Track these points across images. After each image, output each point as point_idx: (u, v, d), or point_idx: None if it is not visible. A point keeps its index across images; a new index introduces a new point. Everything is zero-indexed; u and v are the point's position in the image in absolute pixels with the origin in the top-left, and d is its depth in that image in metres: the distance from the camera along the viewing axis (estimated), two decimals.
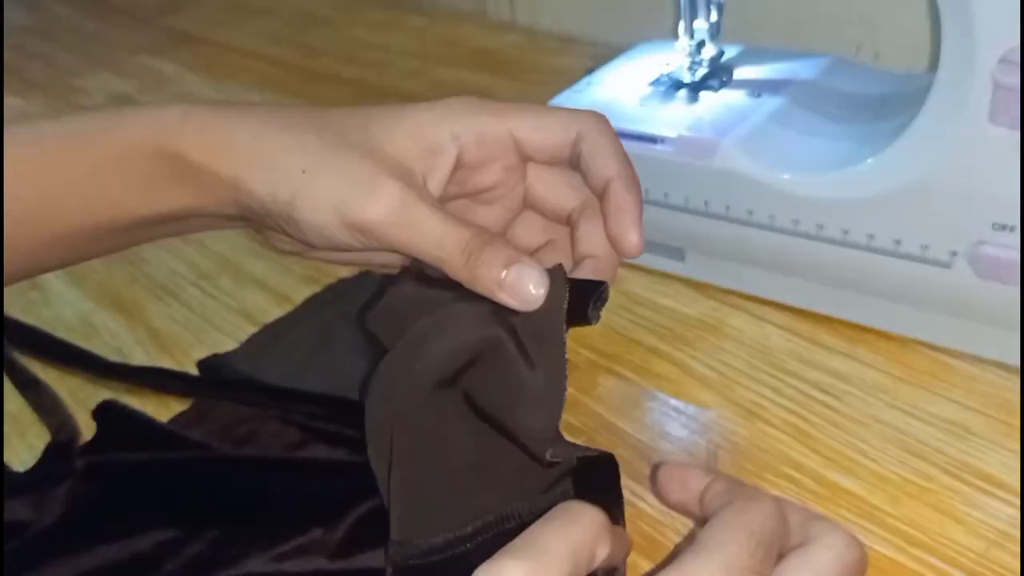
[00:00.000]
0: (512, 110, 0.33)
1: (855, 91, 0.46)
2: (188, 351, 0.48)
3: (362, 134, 0.32)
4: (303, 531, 0.34)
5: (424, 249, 0.30)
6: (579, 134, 0.32)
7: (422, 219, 0.30)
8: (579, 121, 0.33)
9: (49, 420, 0.43)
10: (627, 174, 0.32)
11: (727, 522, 0.25)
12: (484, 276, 0.29)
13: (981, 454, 0.36)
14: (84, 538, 0.34)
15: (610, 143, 0.33)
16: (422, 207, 0.30)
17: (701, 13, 0.47)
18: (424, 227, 0.30)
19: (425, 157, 0.32)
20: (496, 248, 0.30)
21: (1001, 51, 0.33)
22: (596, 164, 0.32)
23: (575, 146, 0.33)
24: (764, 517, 0.26)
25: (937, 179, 0.37)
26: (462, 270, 0.30)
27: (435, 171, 0.32)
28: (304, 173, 0.31)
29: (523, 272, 0.29)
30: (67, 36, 1.04)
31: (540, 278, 0.29)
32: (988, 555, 0.32)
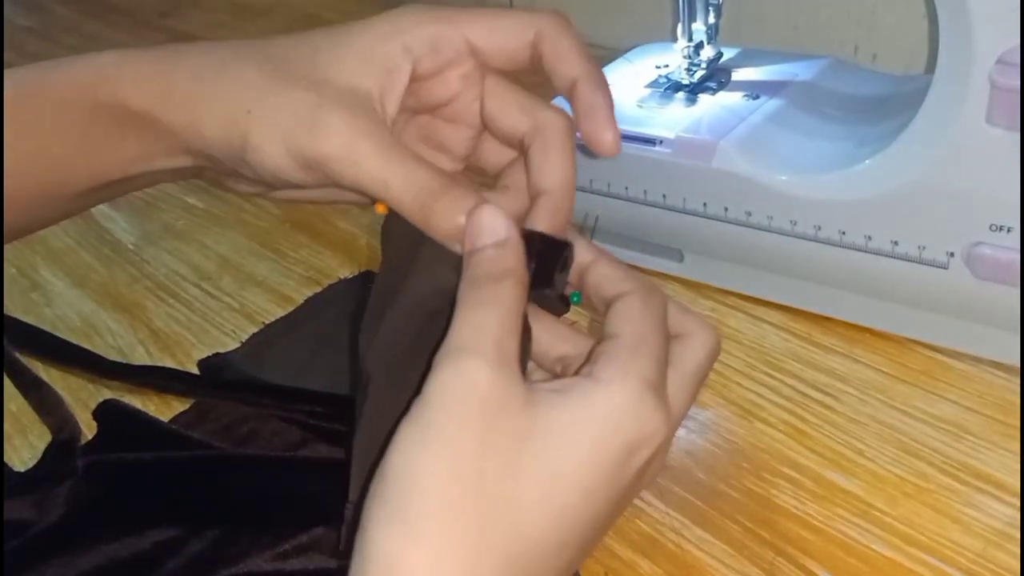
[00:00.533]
0: (465, 15, 0.31)
1: (853, 92, 0.46)
2: (189, 351, 0.48)
3: (309, 63, 0.30)
4: (304, 530, 0.34)
5: (372, 189, 0.29)
6: (537, 35, 0.31)
7: (364, 157, 0.28)
8: (536, 21, 0.31)
9: (50, 420, 0.43)
10: (592, 72, 0.31)
11: (645, 318, 0.28)
12: (438, 221, 0.28)
13: (978, 454, 0.36)
14: (85, 538, 0.35)
15: (571, 42, 0.31)
16: (365, 144, 0.28)
17: (699, 15, 0.47)
18: (367, 166, 0.28)
19: (379, 76, 0.30)
20: (454, 192, 0.28)
21: (998, 52, 0.33)
22: (559, 65, 0.31)
23: (534, 48, 0.31)
24: (664, 310, 0.29)
25: (934, 180, 0.37)
26: (416, 216, 0.28)
27: (390, 89, 0.30)
28: (249, 113, 0.29)
29: (481, 218, 0.28)
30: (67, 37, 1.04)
31: (499, 227, 0.28)
32: (986, 555, 0.32)
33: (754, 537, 0.34)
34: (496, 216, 0.28)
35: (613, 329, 0.27)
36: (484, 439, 0.23)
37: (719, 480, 0.36)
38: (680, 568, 0.33)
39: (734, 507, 0.35)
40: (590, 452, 0.24)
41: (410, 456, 0.23)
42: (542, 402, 0.25)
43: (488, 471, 0.23)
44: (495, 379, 0.24)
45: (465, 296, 0.26)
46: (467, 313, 0.25)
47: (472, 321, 0.25)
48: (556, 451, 0.24)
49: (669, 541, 0.34)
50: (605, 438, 0.25)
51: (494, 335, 0.25)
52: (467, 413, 0.23)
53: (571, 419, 0.24)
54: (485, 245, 0.27)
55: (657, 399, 0.26)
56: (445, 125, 0.33)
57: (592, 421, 0.25)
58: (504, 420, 0.24)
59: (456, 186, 0.28)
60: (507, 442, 0.23)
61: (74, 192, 0.34)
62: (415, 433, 0.23)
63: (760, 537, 0.34)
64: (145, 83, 0.31)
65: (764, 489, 0.36)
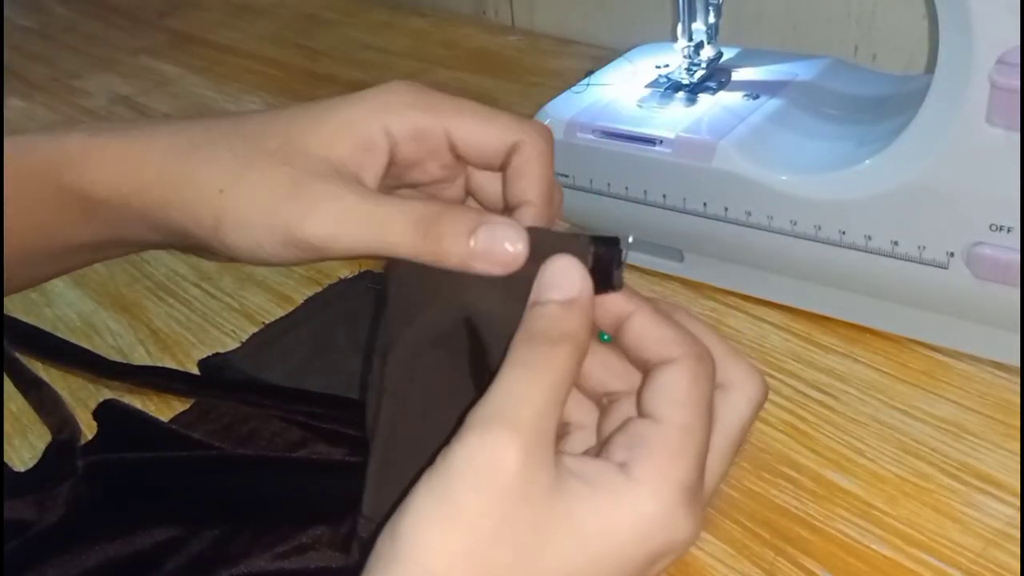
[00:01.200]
0: (452, 107, 0.30)
1: (853, 92, 0.46)
2: (189, 351, 0.48)
3: (282, 138, 0.29)
4: (304, 529, 0.34)
5: (372, 242, 0.27)
6: (515, 146, 0.30)
7: (356, 211, 0.27)
8: (520, 132, 0.30)
9: (50, 420, 0.43)
10: (541, 208, 0.29)
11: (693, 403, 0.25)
12: (451, 250, 0.26)
13: (978, 454, 0.36)
14: (85, 538, 0.35)
15: (540, 169, 0.30)
16: (352, 199, 0.27)
17: (699, 15, 0.47)
18: (362, 220, 0.27)
19: (355, 153, 0.29)
20: (455, 215, 0.26)
21: (998, 52, 0.33)
22: (518, 183, 0.30)
23: (508, 156, 0.30)
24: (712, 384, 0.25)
25: (934, 180, 0.37)
26: (423, 249, 0.26)
27: (368, 168, 0.29)
28: (222, 192, 0.28)
29: (494, 233, 0.26)
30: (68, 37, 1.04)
31: (514, 233, 0.26)
32: (986, 554, 0.32)
33: (754, 537, 0.34)
34: (570, 268, 0.25)
35: (655, 409, 0.25)
36: (502, 527, 0.22)
37: None
38: (680, 568, 0.33)
39: (734, 507, 0.35)
40: (611, 557, 0.23)
41: (423, 529, 0.22)
42: (568, 493, 0.23)
43: (502, 561, 0.22)
44: (525, 462, 0.22)
45: (514, 354, 0.24)
46: (511, 375, 0.24)
47: (514, 387, 0.23)
48: (575, 550, 0.23)
49: None
50: (629, 546, 0.23)
51: (535, 408, 0.23)
52: (490, 497, 0.22)
53: (596, 520, 0.23)
54: (550, 300, 0.25)
55: (691, 509, 0.24)
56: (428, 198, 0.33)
57: (618, 527, 0.23)
58: (526, 509, 0.22)
59: (456, 206, 0.27)
60: (526, 534, 0.22)
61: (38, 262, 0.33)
62: (432, 505, 0.22)
63: (760, 537, 0.34)
64: (111, 168, 0.30)
65: (764, 489, 0.36)
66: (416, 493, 0.23)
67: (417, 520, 0.22)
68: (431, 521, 0.22)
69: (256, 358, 0.46)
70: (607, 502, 0.23)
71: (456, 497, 0.22)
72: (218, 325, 0.50)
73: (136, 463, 0.39)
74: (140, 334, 0.50)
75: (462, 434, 0.23)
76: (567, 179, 0.47)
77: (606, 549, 0.23)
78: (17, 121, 0.80)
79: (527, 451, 0.22)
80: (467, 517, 0.22)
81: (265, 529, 0.34)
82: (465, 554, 0.22)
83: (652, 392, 0.25)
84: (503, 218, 0.26)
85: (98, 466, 0.38)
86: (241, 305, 0.51)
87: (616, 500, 0.23)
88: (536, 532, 0.22)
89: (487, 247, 0.26)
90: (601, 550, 0.23)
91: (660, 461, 0.24)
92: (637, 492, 0.23)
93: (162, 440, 0.40)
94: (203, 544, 0.34)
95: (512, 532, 0.22)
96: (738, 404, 0.27)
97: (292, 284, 0.52)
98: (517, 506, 0.22)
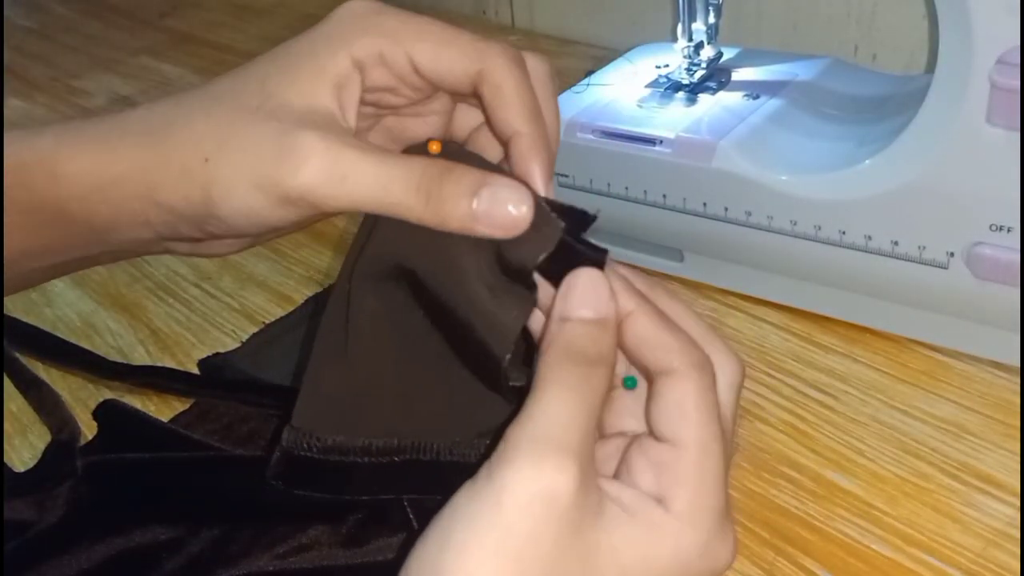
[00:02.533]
0: (411, 29, 0.28)
1: (853, 92, 0.46)
2: (189, 351, 0.48)
3: (260, 94, 0.27)
4: (304, 529, 0.34)
5: (371, 200, 0.26)
6: (480, 74, 0.28)
7: (355, 167, 0.26)
8: (483, 58, 0.28)
9: (50, 420, 0.43)
10: (533, 130, 0.28)
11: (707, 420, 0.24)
12: (453, 213, 0.25)
13: (978, 454, 0.36)
14: (85, 538, 0.35)
15: (515, 91, 0.28)
16: (350, 153, 0.26)
17: (699, 15, 0.47)
18: (361, 176, 0.26)
19: (335, 93, 0.27)
20: (456, 176, 0.25)
21: (998, 52, 0.33)
22: (497, 114, 0.28)
23: (476, 86, 0.28)
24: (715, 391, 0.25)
25: (934, 180, 0.37)
26: (425, 212, 0.25)
27: (348, 104, 0.28)
28: (207, 162, 0.27)
29: (496, 194, 0.25)
30: (68, 37, 1.04)
31: (518, 195, 0.25)
32: (986, 554, 0.32)
33: (754, 537, 0.34)
34: (598, 285, 0.25)
35: (673, 432, 0.24)
36: (554, 554, 0.22)
37: None
38: None
39: (734, 507, 0.34)
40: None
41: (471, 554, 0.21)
42: (610, 521, 0.23)
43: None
44: (579, 490, 0.22)
45: (554, 374, 0.23)
46: (557, 397, 0.23)
47: (562, 410, 0.23)
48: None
49: None
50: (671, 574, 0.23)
51: (584, 431, 0.22)
52: (545, 524, 0.21)
53: (638, 552, 0.23)
54: (583, 318, 0.24)
55: (725, 533, 0.24)
56: (413, 120, 0.31)
57: (660, 558, 0.23)
58: (576, 539, 0.22)
59: (459, 166, 0.26)
60: (574, 561, 0.22)
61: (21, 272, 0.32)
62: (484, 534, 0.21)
63: (760, 537, 0.34)
64: (86, 159, 0.28)
65: (764, 489, 0.36)
66: (456, 519, 0.22)
67: (464, 550, 0.21)
68: (480, 551, 0.21)
69: (256, 358, 0.46)
70: (648, 534, 0.23)
71: (508, 524, 0.21)
72: (218, 325, 0.50)
73: (136, 463, 0.39)
74: (140, 334, 0.50)
75: (509, 455, 0.22)
76: (567, 179, 0.47)
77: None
78: (17, 121, 0.80)
79: (580, 480, 0.22)
80: (519, 545, 0.21)
81: (264, 529, 0.34)
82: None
83: (663, 411, 0.25)
84: (508, 179, 0.26)
85: (98, 466, 0.38)
86: (241, 305, 0.51)
87: (657, 533, 0.23)
88: (582, 560, 0.22)
89: (488, 209, 0.25)
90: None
91: (692, 490, 0.24)
92: (676, 526, 0.23)
93: (162, 440, 0.40)
94: (203, 544, 0.34)
95: (562, 560, 0.22)
96: (723, 394, 0.26)
97: (292, 284, 0.52)
98: (569, 533, 0.22)
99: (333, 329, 0.28)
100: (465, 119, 0.32)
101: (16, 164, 0.29)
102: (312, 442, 0.27)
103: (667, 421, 0.24)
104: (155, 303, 0.53)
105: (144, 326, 0.51)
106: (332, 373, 0.28)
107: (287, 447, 0.27)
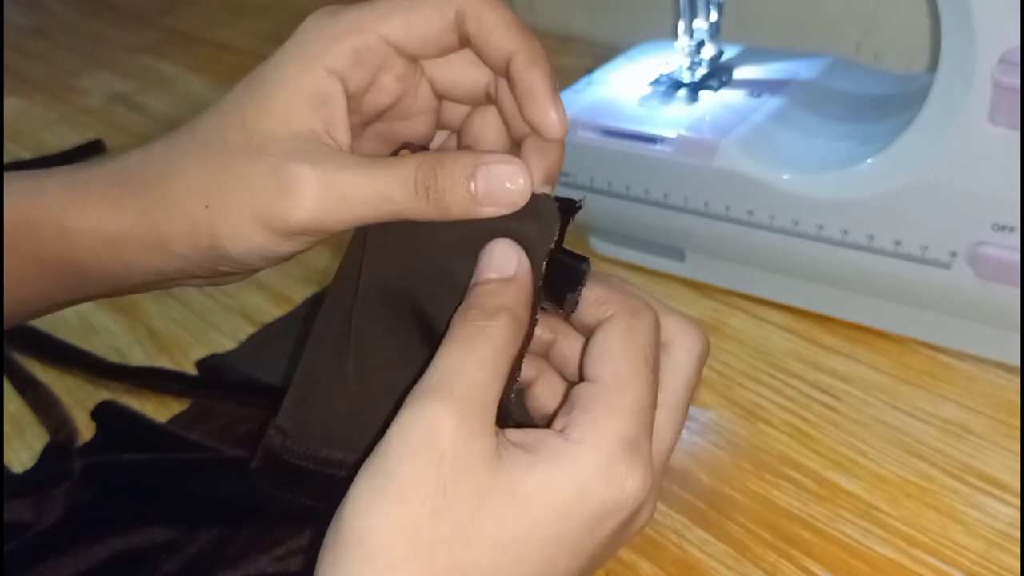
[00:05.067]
0: (375, 12, 0.28)
1: (855, 91, 0.46)
2: (187, 351, 0.48)
3: (242, 132, 0.27)
4: (303, 532, 0.34)
5: (375, 212, 0.26)
6: (458, 15, 0.28)
7: (352, 185, 0.26)
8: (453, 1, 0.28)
9: (48, 421, 0.43)
10: (527, 45, 0.28)
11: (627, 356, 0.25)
12: (454, 201, 0.25)
13: (981, 455, 0.36)
14: (83, 539, 0.34)
15: (497, 16, 0.28)
16: (345, 174, 0.26)
17: (701, 13, 0.47)
18: (360, 192, 0.26)
19: (315, 112, 0.27)
20: (449, 165, 0.26)
21: (1001, 51, 0.33)
22: (488, 43, 0.28)
23: (460, 29, 0.28)
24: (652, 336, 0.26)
25: (937, 179, 0.37)
26: (428, 207, 0.26)
27: (333, 119, 0.28)
28: (208, 208, 0.27)
29: (491, 171, 0.25)
30: (67, 36, 1.04)
31: (512, 169, 0.25)
32: (988, 555, 0.32)
33: (756, 538, 0.34)
34: (508, 250, 0.26)
35: (590, 369, 0.25)
36: (440, 497, 0.22)
37: (721, 481, 0.36)
38: (682, 569, 0.33)
39: (736, 508, 0.35)
40: (553, 521, 0.23)
41: (364, 510, 0.22)
42: (507, 461, 0.23)
43: (442, 535, 0.22)
44: (459, 430, 0.22)
45: (452, 331, 0.24)
46: (448, 350, 0.24)
47: (449, 361, 0.23)
48: (516, 518, 0.22)
49: (670, 542, 0.34)
50: (570, 507, 0.23)
51: (470, 378, 0.23)
52: (425, 468, 0.22)
53: (536, 484, 0.23)
54: (489, 279, 0.25)
55: (631, 461, 0.23)
56: (401, 123, 0.31)
57: (557, 488, 0.23)
58: (463, 480, 0.22)
59: (449, 153, 0.26)
60: (464, 504, 0.22)
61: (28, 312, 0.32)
62: (371, 483, 0.22)
63: (762, 538, 0.34)
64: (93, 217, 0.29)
65: (766, 490, 0.35)
66: (358, 477, 0.22)
67: (357, 502, 0.22)
68: (369, 499, 0.22)
69: (254, 359, 0.46)
70: (546, 465, 0.23)
71: (391, 471, 0.22)
72: (216, 325, 0.50)
73: (134, 464, 0.38)
74: (138, 334, 0.50)
75: (400, 412, 0.23)
76: (568, 178, 0.47)
77: (547, 510, 0.23)
78: (15, 120, 0.80)
79: (460, 419, 0.22)
80: (403, 489, 0.22)
81: (263, 531, 0.34)
82: (403, 527, 0.22)
83: (589, 354, 0.25)
84: (499, 155, 0.26)
85: (96, 467, 0.38)
86: (239, 305, 0.51)
87: (555, 461, 0.23)
88: (474, 502, 0.22)
89: (487, 189, 0.25)
90: (542, 512, 0.23)
91: (595, 416, 0.24)
92: (574, 449, 0.23)
93: (160, 441, 0.40)
94: (201, 546, 0.34)
95: (450, 501, 0.22)
96: (679, 359, 0.27)
97: (291, 284, 0.52)
98: (455, 477, 0.22)
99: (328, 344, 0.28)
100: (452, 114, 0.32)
101: (23, 218, 0.30)
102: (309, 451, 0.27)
103: (590, 360, 0.25)
104: (153, 303, 0.52)
105: (142, 326, 0.50)
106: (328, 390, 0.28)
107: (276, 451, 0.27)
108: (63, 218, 0.29)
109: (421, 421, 0.22)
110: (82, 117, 0.80)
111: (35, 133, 0.77)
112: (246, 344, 0.47)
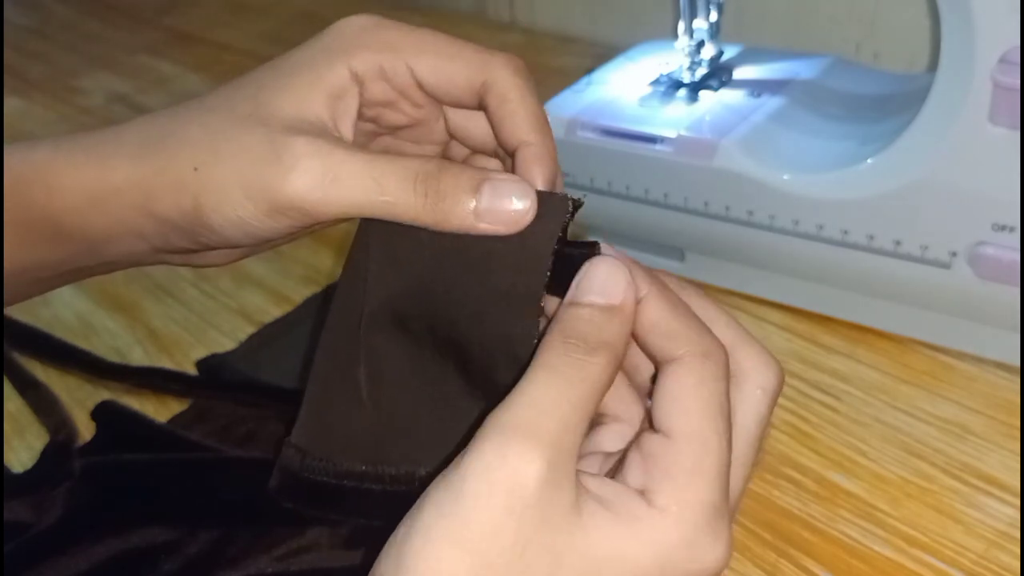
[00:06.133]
0: (413, 42, 0.28)
1: (855, 91, 0.46)
2: (187, 351, 0.48)
3: (252, 103, 0.27)
4: (303, 531, 0.34)
5: (365, 201, 0.25)
6: (485, 85, 0.28)
7: (345, 167, 0.25)
8: (487, 69, 0.28)
9: (48, 421, 0.43)
10: (539, 140, 0.27)
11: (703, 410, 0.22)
12: (453, 210, 0.24)
13: (981, 455, 0.36)
14: (83, 539, 0.34)
15: (520, 103, 0.28)
16: (340, 153, 0.25)
17: (701, 13, 0.47)
18: (352, 175, 0.25)
19: (327, 102, 0.27)
20: (455, 171, 0.25)
21: (1001, 51, 0.33)
22: (504, 124, 0.28)
23: (481, 96, 0.28)
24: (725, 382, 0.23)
25: (937, 179, 0.37)
26: (424, 210, 0.25)
27: (342, 115, 0.28)
28: (197, 170, 0.26)
29: (497, 188, 0.24)
30: (67, 36, 1.04)
31: (520, 189, 0.24)
32: (988, 555, 0.32)
33: (756, 538, 0.34)
34: (615, 272, 0.23)
35: (664, 422, 0.23)
36: (516, 549, 0.20)
37: None
38: None
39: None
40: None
41: (434, 554, 0.20)
42: (587, 517, 0.21)
43: None
44: (547, 480, 0.20)
45: (544, 358, 0.22)
46: (539, 380, 0.21)
47: (541, 395, 0.21)
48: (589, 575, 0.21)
49: None
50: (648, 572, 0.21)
51: (563, 420, 0.21)
52: (504, 519, 0.20)
53: (616, 550, 0.21)
54: (592, 303, 0.23)
55: (715, 528, 0.22)
56: (411, 145, 0.31)
57: (638, 559, 0.21)
58: (542, 535, 0.20)
59: (453, 163, 0.26)
60: (541, 563, 0.20)
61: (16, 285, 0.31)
62: (441, 521, 0.20)
63: (762, 538, 0.34)
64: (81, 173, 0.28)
65: (766, 490, 0.35)
66: (424, 508, 0.21)
67: (425, 539, 0.20)
68: (440, 541, 0.20)
69: (254, 359, 0.46)
70: (627, 529, 0.21)
71: (467, 516, 0.20)
72: (216, 325, 0.50)
73: (133, 464, 0.38)
74: (138, 334, 0.50)
75: (477, 442, 0.21)
76: (567, 177, 0.47)
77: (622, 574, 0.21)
78: (15, 120, 0.80)
79: (548, 467, 0.20)
80: (479, 540, 0.20)
81: (263, 531, 0.34)
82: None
83: (658, 401, 0.23)
84: (507, 174, 0.25)
85: (95, 468, 0.38)
86: (239, 305, 0.51)
87: (636, 526, 0.21)
88: (551, 557, 0.21)
89: (491, 205, 0.24)
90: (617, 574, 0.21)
91: (679, 484, 0.22)
92: (658, 519, 0.21)
93: (159, 441, 0.40)
94: (201, 546, 0.34)
95: (528, 560, 0.20)
96: (751, 396, 0.24)
97: (291, 284, 0.52)
98: (534, 530, 0.20)
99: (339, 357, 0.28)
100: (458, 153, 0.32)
101: (13, 178, 0.29)
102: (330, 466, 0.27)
103: (663, 411, 0.23)
104: (153, 303, 0.52)
105: (142, 326, 0.50)
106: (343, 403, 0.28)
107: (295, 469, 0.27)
108: (50, 176, 0.29)
109: (505, 462, 0.20)
110: (82, 117, 0.80)
111: (35, 133, 0.77)
112: (246, 344, 0.47)
